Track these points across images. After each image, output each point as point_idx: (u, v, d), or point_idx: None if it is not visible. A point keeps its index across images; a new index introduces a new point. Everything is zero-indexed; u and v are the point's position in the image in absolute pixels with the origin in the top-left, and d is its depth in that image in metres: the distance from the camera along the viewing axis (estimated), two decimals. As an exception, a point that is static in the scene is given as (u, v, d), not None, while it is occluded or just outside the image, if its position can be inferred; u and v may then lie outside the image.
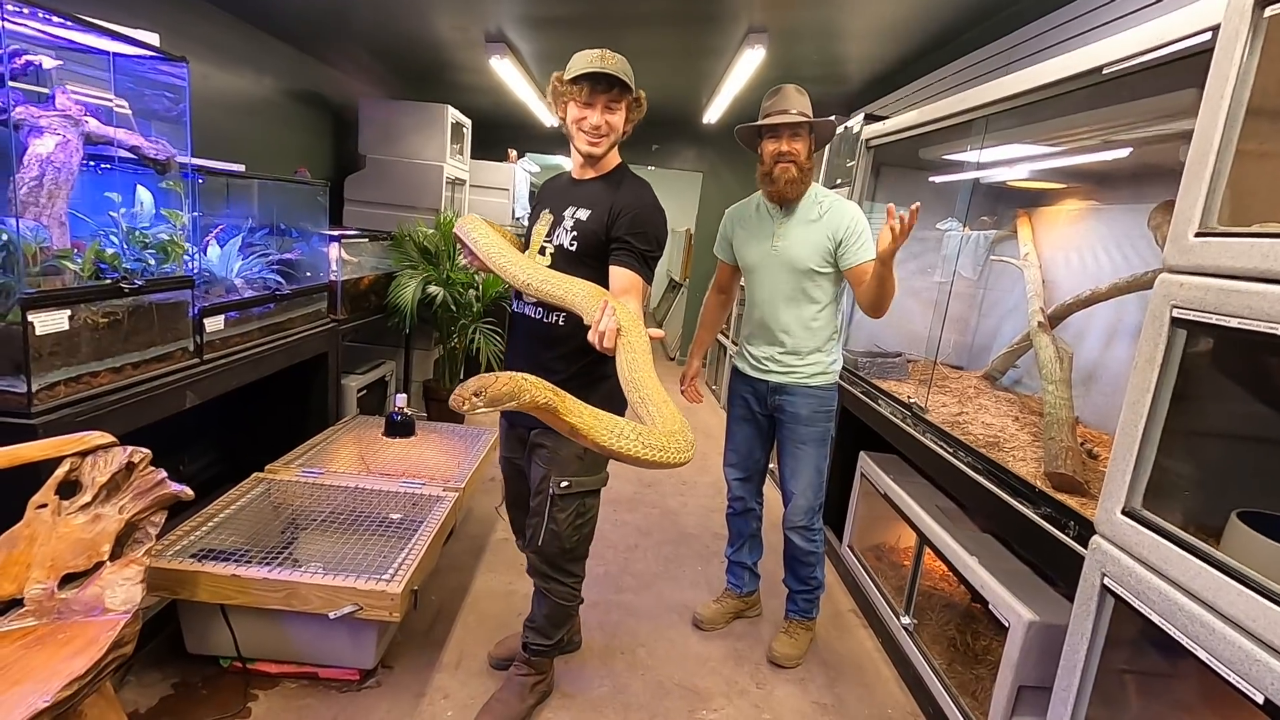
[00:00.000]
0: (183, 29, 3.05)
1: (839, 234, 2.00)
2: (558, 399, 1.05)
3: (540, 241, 1.70)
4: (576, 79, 1.56)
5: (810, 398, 2.11)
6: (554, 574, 1.78)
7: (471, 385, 1.01)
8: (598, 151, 1.63)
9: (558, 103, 1.65)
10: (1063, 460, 1.71)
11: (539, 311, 1.69)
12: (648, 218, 1.62)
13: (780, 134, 2.00)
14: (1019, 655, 1.62)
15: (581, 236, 1.63)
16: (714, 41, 3.49)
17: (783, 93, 2.03)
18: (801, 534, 2.17)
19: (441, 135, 4.35)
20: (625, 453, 1.06)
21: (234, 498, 2.16)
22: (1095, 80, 1.54)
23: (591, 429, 1.06)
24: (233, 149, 2.96)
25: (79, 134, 1.74)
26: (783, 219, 2.09)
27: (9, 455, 1.35)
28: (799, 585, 2.25)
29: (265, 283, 2.56)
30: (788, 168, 2.00)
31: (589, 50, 1.58)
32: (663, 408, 1.18)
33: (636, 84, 1.63)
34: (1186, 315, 1.06)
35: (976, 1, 2.71)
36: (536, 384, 1.04)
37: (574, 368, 1.67)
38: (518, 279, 1.54)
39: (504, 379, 1.02)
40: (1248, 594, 0.93)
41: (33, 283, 1.54)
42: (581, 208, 1.65)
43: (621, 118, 1.63)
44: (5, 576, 1.33)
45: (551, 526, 1.72)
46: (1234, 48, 1.02)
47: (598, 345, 1.29)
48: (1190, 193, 1.07)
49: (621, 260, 1.58)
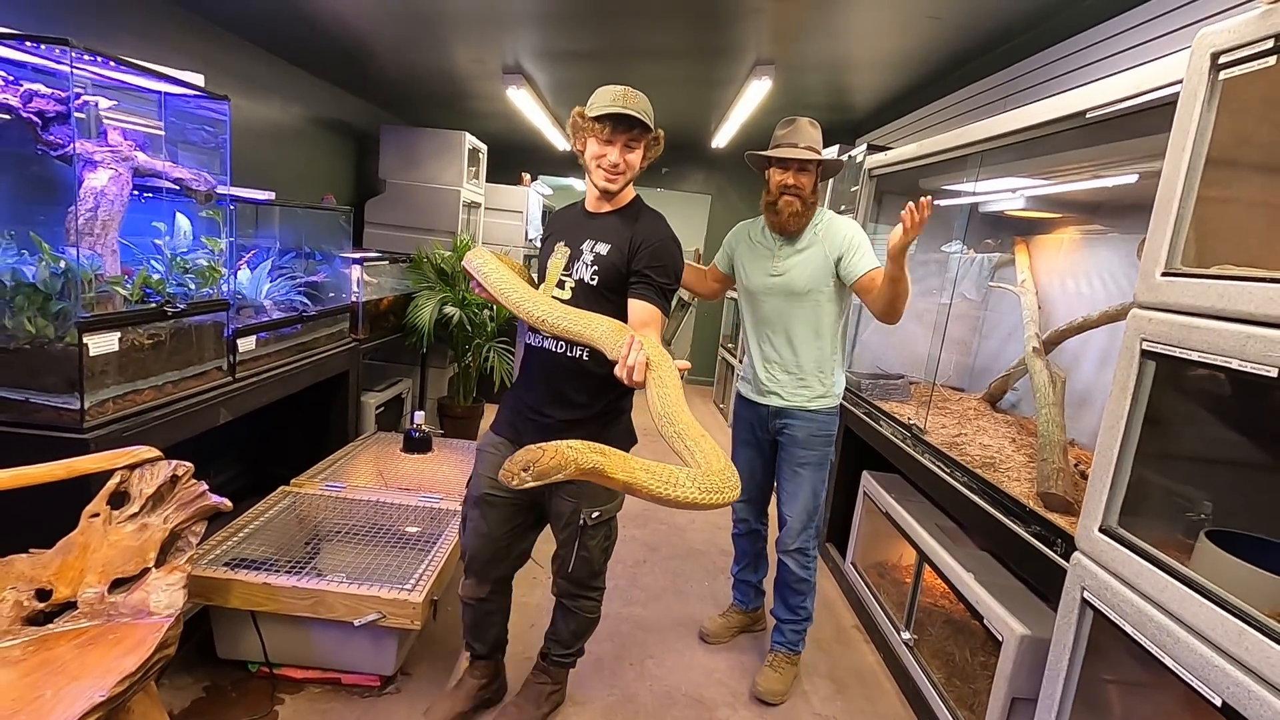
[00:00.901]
0: (220, 63, 3.21)
1: (837, 249, 2.02)
2: (604, 459, 1.02)
3: (558, 275, 1.69)
4: (600, 117, 1.56)
5: (809, 421, 2.13)
6: (582, 592, 1.84)
7: (520, 461, 1.00)
8: (614, 188, 1.64)
9: (577, 136, 1.66)
10: (1054, 481, 1.79)
11: (560, 346, 1.67)
12: (666, 250, 1.64)
13: (789, 166, 2.03)
14: (1012, 668, 1.69)
15: (602, 270, 1.64)
16: (723, 73, 3.62)
17: (796, 125, 2.05)
18: (795, 558, 2.17)
19: (459, 160, 4.50)
20: (682, 500, 1.03)
21: (262, 509, 2.26)
22: (1080, 123, 1.65)
23: (645, 483, 1.03)
24: (262, 175, 3.11)
25: (129, 168, 1.87)
26: (783, 245, 2.11)
27: (67, 467, 1.46)
28: (788, 615, 2.23)
29: (292, 304, 2.69)
30: (792, 201, 2.03)
31: (612, 87, 1.60)
32: (701, 442, 1.16)
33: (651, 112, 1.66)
34: (1154, 348, 1.15)
35: (977, 37, 2.83)
36: (581, 450, 1.02)
37: (598, 402, 1.70)
38: (533, 315, 1.52)
39: (550, 452, 1.00)
40: (1209, 606, 1.01)
41: (87, 307, 1.67)
42: (600, 241, 1.66)
43: (639, 156, 1.65)
44: (62, 580, 1.44)
45: (583, 554, 1.75)
46: (1194, 104, 1.12)
47: (626, 380, 1.30)
48: (1157, 235, 1.17)
49: (641, 294, 1.59)
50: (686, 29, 3.01)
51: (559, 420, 1.69)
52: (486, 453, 1.80)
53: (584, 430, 1.60)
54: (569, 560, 1.76)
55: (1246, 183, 1.16)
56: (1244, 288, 1.01)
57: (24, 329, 1.61)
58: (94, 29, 2.46)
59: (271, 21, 3.12)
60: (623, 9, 2.81)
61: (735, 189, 6.60)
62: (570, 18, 2.98)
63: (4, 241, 1.65)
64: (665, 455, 1.19)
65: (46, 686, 1.23)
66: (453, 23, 3.09)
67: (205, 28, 3.08)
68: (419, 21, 3.07)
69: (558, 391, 1.70)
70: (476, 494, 1.79)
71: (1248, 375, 0.98)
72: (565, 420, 1.69)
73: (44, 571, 1.45)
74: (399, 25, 3.15)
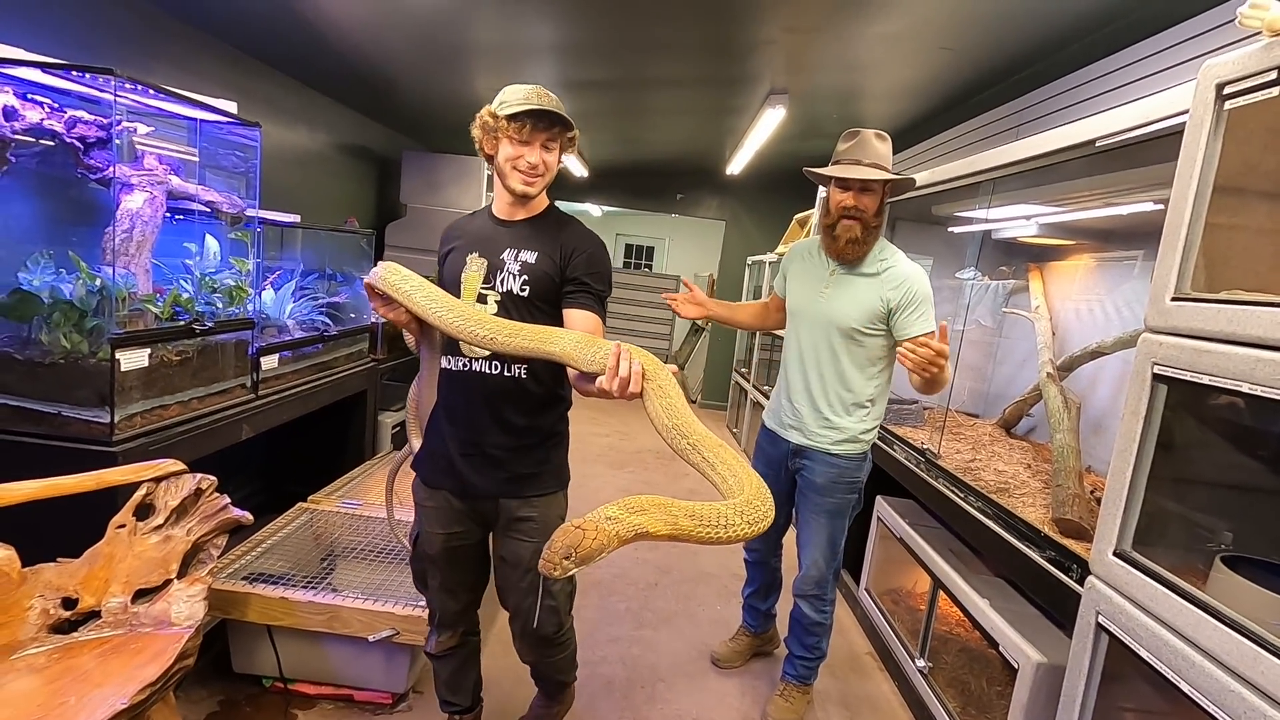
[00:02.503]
0: (252, 91, 3.33)
1: (894, 298, 1.84)
2: (644, 518, 0.93)
3: (477, 288, 1.53)
4: (515, 115, 1.43)
5: (830, 466, 1.97)
6: (552, 647, 1.69)
7: (559, 549, 0.88)
8: (533, 191, 1.51)
9: (487, 138, 1.50)
10: (1070, 507, 1.78)
11: (495, 366, 1.52)
12: (601, 257, 1.55)
13: (850, 186, 1.84)
14: (1028, 697, 1.67)
15: (533, 280, 1.50)
16: (737, 102, 3.70)
17: (861, 139, 1.84)
18: (812, 603, 2.07)
19: (477, 185, 4.60)
20: (734, 539, 0.96)
21: (280, 525, 2.30)
22: (1089, 151, 1.67)
23: (693, 531, 0.94)
24: (288, 198, 3.20)
25: (164, 191, 1.94)
26: (837, 269, 1.94)
27: (96, 479, 1.51)
28: (801, 651, 2.14)
29: (314, 324, 2.75)
30: (851, 226, 1.84)
31: (521, 85, 1.48)
32: (721, 453, 1.09)
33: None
34: (1165, 372, 1.16)
35: (988, 68, 2.87)
36: (620, 517, 0.92)
37: (542, 424, 1.58)
38: (476, 335, 1.33)
39: (591, 531, 0.89)
40: (1224, 630, 1.01)
41: (120, 324, 1.72)
42: (524, 250, 1.52)
43: (556, 156, 1.52)
44: (87, 590, 1.47)
45: (549, 603, 1.61)
46: (1200, 134, 1.14)
47: (617, 393, 1.17)
48: (1166, 260, 1.18)
49: (582, 303, 1.49)
50: (701, 60, 3.09)
51: (501, 450, 1.55)
52: (427, 508, 1.62)
53: (530, 457, 1.56)
54: (532, 615, 1.58)
55: (1254, 210, 1.18)
56: (1253, 312, 1.02)
57: (60, 344, 1.67)
58: (134, 59, 2.57)
59: (301, 52, 3.24)
60: (639, 42, 2.89)
61: (749, 215, 6.66)
62: (588, 49, 3.06)
63: (44, 260, 1.71)
64: (656, 475, 1.16)
65: (70, 693, 1.26)
66: (473, 54, 3.19)
67: (238, 58, 3.20)
68: (441, 53, 3.17)
69: (495, 417, 1.54)
70: (434, 551, 1.62)
71: (1258, 398, 0.98)
72: (511, 449, 1.55)
73: (71, 580, 1.48)
74: (422, 56, 3.25)
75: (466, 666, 1.79)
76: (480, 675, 1.85)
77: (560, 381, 1.57)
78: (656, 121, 4.20)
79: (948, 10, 2.30)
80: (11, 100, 1.63)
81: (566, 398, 1.63)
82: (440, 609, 1.69)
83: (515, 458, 1.55)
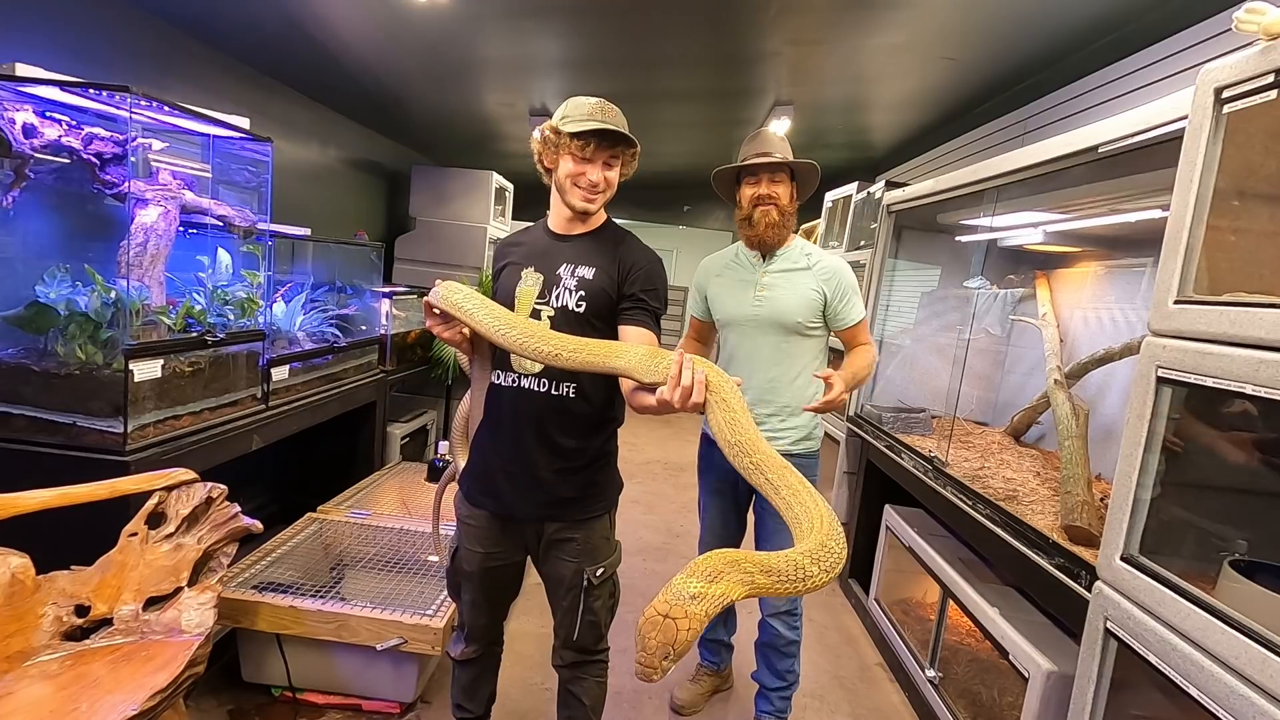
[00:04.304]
0: (263, 108, 3.39)
1: (828, 289, 1.90)
2: (726, 588, 0.87)
3: (531, 303, 1.50)
4: (580, 134, 1.41)
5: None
6: (590, 658, 1.65)
7: (655, 649, 0.83)
8: (593, 208, 1.49)
9: (547, 152, 1.49)
10: (1079, 514, 1.77)
11: (543, 384, 1.48)
12: (658, 274, 1.53)
13: (759, 177, 1.90)
14: (1039, 706, 1.65)
15: (590, 295, 1.47)
16: (743, 113, 3.73)
17: (761, 136, 1.94)
18: (784, 620, 2.01)
19: (485, 199, 4.65)
20: (810, 589, 0.91)
21: (289, 535, 2.31)
22: (1092, 157, 1.68)
23: (770, 587, 0.89)
24: (299, 212, 3.25)
25: (177, 205, 1.98)
26: (765, 267, 1.95)
27: (109, 487, 1.53)
28: (774, 681, 2.06)
29: (324, 336, 2.78)
30: (768, 210, 1.89)
31: (585, 99, 1.44)
32: (787, 476, 1.03)
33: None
34: (1169, 374, 1.16)
35: (992, 78, 2.89)
36: (704, 597, 0.85)
37: (590, 445, 1.54)
38: (541, 352, 1.29)
39: (683, 621, 0.83)
40: (1232, 634, 1.00)
41: (134, 335, 1.75)
42: (582, 265, 1.49)
43: (618, 174, 1.50)
44: (100, 597, 1.49)
45: (589, 618, 1.58)
46: (1200, 138, 1.15)
47: (679, 404, 1.13)
48: (1168, 264, 1.19)
49: (637, 319, 1.47)
50: (707, 73, 3.12)
51: (548, 473, 1.50)
52: (468, 525, 1.60)
53: (575, 480, 1.53)
54: (574, 626, 1.58)
55: (1255, 212, 1.18)
56: (1255, 314, 1.02)
57: (75, 356, 1.70)
58: (152, 78, 2.63)
59: (313, 71, 3.30)
60: (645, 56, 2.93)
61: (756, 226, 6.69)
62: (595, 64, 3.11)
63: (60, 273, 1.75)
64: (662, 490, 1.13)
65: (82, 700, 1.28)
66: (482, 70, 3.24)
67: (253, 76, 3.26)
68: (450, 68, 3.22)
69: (541, 437, 1.49)
70: (470, 568, 1.61)
71: (1261, 400, 0.98)
72: (556, 470, 1.51)
73: (84, 588, 1.50)
74: (431, 72, 3.30)
75: (486, 675, 1.79)
76: (496, 687, 1.84)
77: (611, 403, 1.54)
78: (663, 134, 4.25)
79: (950, 21, 2.32)
80: (31, 118, 1.67)
81: (617, 417, 1.59)
82: (470, 623, 1.69)
83: (560, 480, 1.51)
